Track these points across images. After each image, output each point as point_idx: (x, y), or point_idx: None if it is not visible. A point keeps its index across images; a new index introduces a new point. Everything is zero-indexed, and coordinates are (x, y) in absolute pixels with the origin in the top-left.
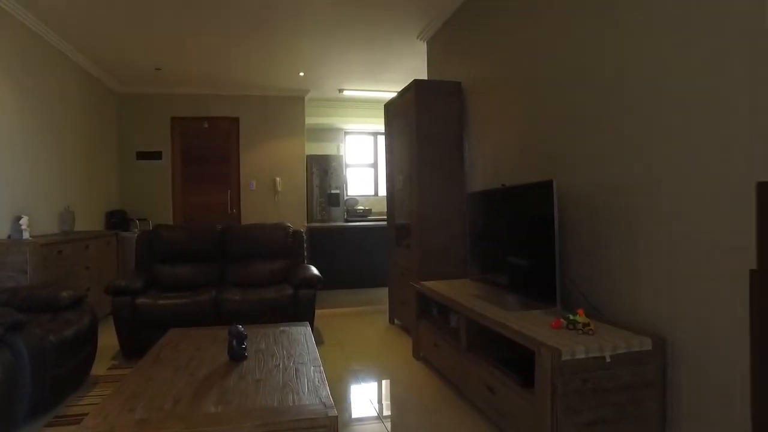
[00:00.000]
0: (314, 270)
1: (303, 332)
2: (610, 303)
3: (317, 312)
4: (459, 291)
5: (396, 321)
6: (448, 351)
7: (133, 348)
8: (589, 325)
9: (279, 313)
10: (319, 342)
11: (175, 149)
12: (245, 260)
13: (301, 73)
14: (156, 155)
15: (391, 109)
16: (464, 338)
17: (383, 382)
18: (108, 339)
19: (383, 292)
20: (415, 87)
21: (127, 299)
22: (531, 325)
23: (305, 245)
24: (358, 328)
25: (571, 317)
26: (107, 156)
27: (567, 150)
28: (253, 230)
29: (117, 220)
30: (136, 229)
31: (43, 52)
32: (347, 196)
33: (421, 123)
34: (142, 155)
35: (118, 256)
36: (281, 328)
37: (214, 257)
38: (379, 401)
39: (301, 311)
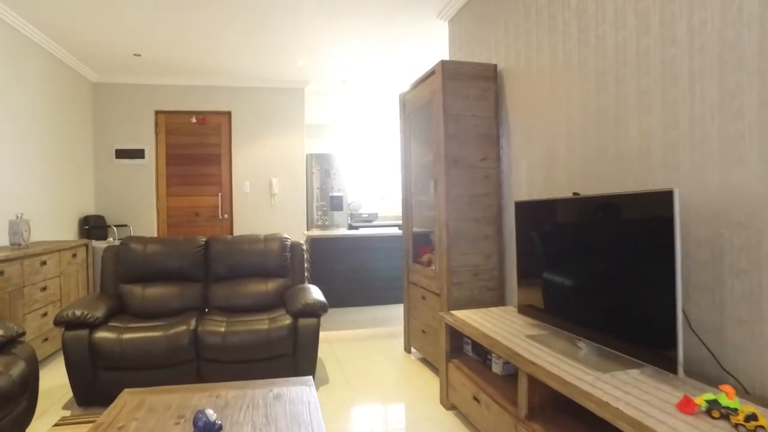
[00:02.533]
0: (317, 293)
1: (306, 399)
2: (749, 368)
3: (320, 335)
4: (504, 327)
5: (414, 351)
6: (497, 413)
7: (90, 394)
8: (756, 419)
9: (273, 349)
10: (322, 381)
11: (160, 147)
12: (233, 280)
13: (301, 62)
14: (138, 153)
15: (407, 100)
16: (524, 402)
17: None
18: (62, 379)
19: (395, 311)
20: (442, 70)
21: (83, 334)
22: (643, 402)
23: (305, 257)
24: (368, 359)
25: (714, 398)
26: (81, 154)
27: (667, 149)
28: (244, 243)
29: (92, 227)
30: (112, 239)
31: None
32: (350, 199)
33: (448, 114)
34: (122, 153)
35: (89, 272)
36: (275, 391)
37: (196, 276)
38: None
39: (301, 349)
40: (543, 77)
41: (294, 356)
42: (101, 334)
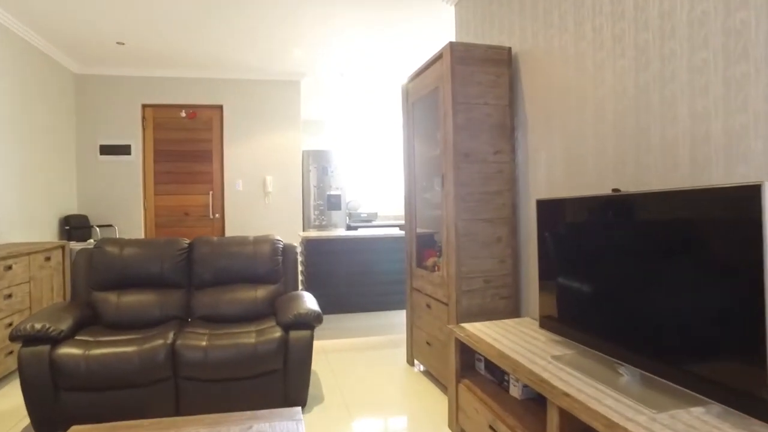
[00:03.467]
0: (311, 301)
1: None
2: None
3: (315, 345)
4: (525, 344)
5: (418, 364)
6: None
7: (50, 419)
8: None
9: (261, 365)
10: (317, 398)
11: (147, 142)
12: (219, 286)
13: (296, 51)
14: (124, 149)
15: (411, 89)
16: None
17: None
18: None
19: (397, 317)
20: (451, 52)
21: (42, 349)
22: None
23: (300, 260)
24: (368, 372)
25: None
26: (63, 150)
27: (731, 135)
28: (231, 245)
29: (73, 227)
30: (94, 240)
31: None
32: (349, 198)
33: (458, 102)
34: (107, 149)
35: (65, 277)
36: (254, 429)
37: (178, 283)
38: None
39: (293, 365)
40: (567, 58)
41: (284, 373)
42: (64, 350)
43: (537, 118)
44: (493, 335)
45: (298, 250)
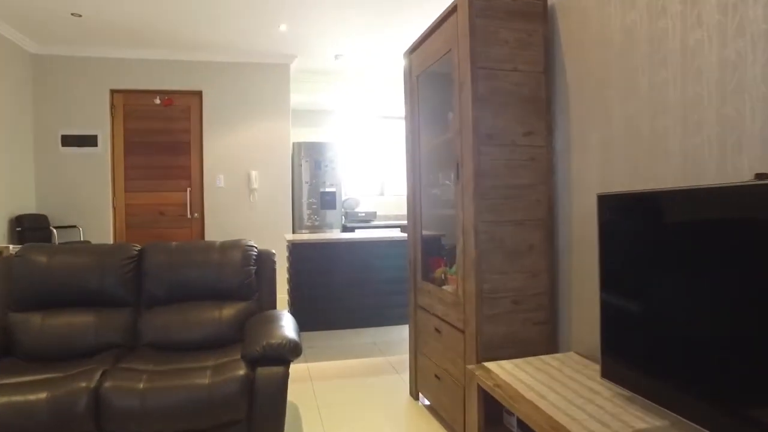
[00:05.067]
0: (288, 326)
1: None
2: None
3: (299, 369)
4: (583, 404)
5: (423, 398)
6: None
7: None
8: None
9: (218, 415)
10: None
11: (116, 133)
12: (176, 305)
13: (282, 27)
14: (89, 140)
15: (415, 59)
16: None
17: None
18: None
19: (399, 333)
20: (469, 4)
21: None
22: None
23: (287, 267)
24: (362, 407)
25: None
26: (18, 140)
27: None
28: (193, 253)
29: (27, 229)
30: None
31: None
32: (345, 195)
33: (478, 66)
34: (70, 140)
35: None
36: None
37: (123, 300)
38: None
39: (260, 413)
40: (632, 2)
41: (249, 426)
42: None
43: (584, 87)
44: (532, 384)
45: (285, 255)
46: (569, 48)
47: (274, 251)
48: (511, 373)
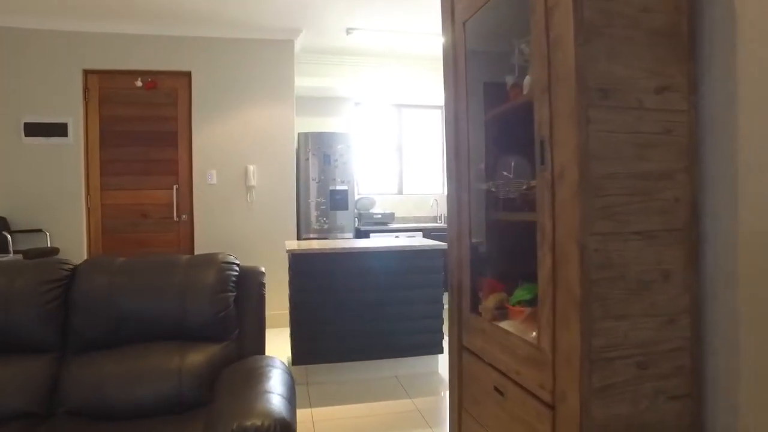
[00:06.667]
0: (277, 389)
1: None
2: None
3: (300, 417)
4: None
5: None
6: None
7: None
8: None
9: None
10: None
11: (90, 120)
12: (115, 350)
13: None
14: (58, 129)
15: None
16: None
17: None
18: None
19: (421, 365)
20: None
21: None
22: None
23: (288, 280)
24: None
25: None
26: None
27: None
28: (143, 274)
29: None
30: (10, 253)
31: None
32: (359, 194)
33: None
34: (35, 129)
35: None
36: None
37: (40, 344)
38: None
39: None
40: None
41: None
42: None
43: (764, 15)
44: None
45: (287, 266)
46: None
47: (262, 269)
48: None
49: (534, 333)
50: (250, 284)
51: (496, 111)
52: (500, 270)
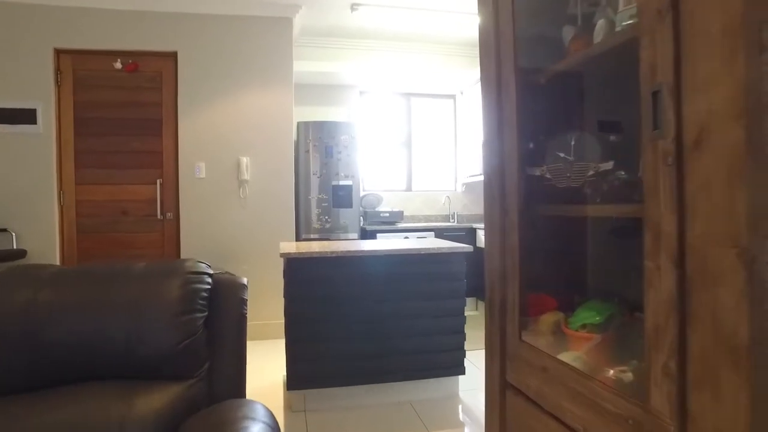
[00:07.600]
0: None
1: None
2: None
3: None
4: None
5: None
6: None
7: None
8: None
9: None
10: None
11: (64, 106)
12: (41, 393)
13: None
14: (25, 116)
15: None
16: None
17: None
18: None
19: (437, 389)
20: None
21: None
22: None
23: (288, 288)
24: None
25: None
26: None
27: None
28: (82, 288)
29: None
30: None
31: None
32: (364, 190)
33: None
34: (0, 115)
35: None
36: None
37: None
38: None
39: None
40: None
41: None
42: None
43: None
44: None
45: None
46: None
47: (244, 280)
48: None
49: (612, 372)
50: (226, 301)
51: (550, 73)
52: (552, 282)
